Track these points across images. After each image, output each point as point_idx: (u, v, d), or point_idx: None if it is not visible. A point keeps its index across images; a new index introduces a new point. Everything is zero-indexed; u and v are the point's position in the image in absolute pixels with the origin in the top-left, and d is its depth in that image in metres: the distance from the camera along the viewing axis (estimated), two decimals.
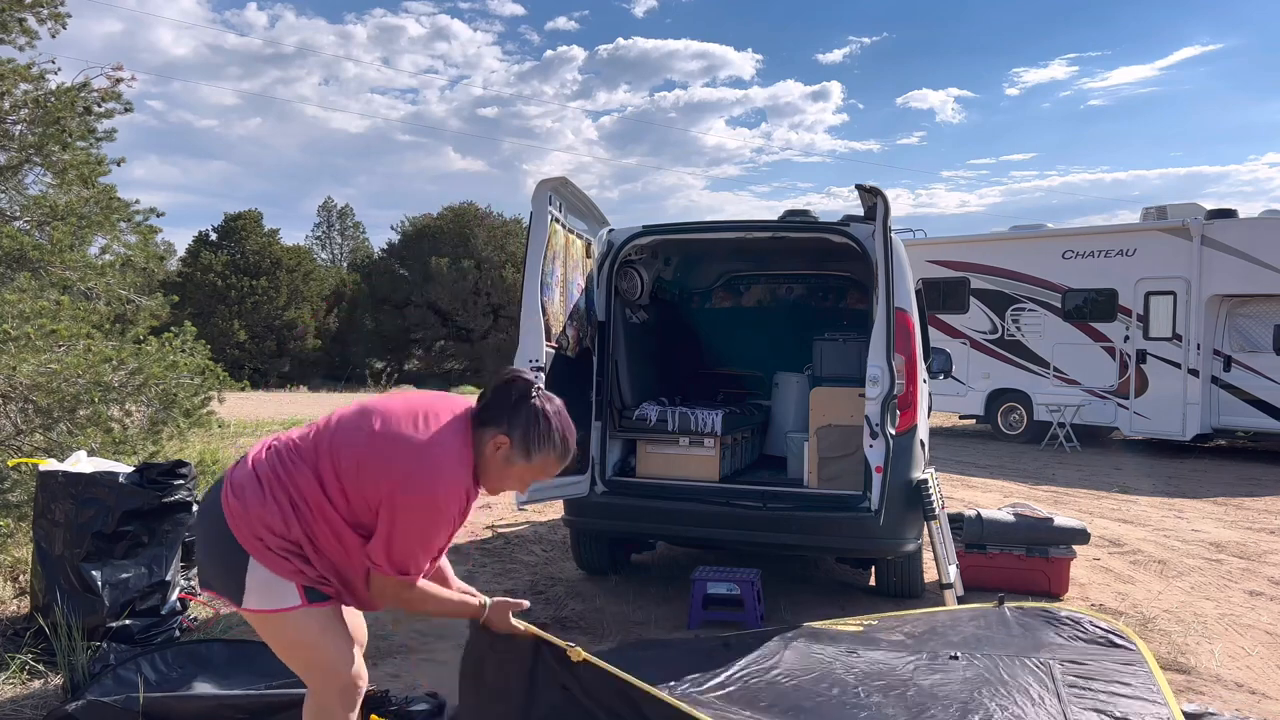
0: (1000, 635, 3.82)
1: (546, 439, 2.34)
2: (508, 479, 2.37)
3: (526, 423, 2.31)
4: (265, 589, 2.25)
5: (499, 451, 2.31)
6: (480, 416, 2.35)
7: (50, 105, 5.77)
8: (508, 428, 2.31)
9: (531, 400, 2.33)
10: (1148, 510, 8.81)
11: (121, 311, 6.25)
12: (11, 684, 3.67)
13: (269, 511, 2.26)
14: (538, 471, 2.37)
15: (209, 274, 40.22)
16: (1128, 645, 3.70)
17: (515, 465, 2.33)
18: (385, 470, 2.22)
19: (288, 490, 2.28)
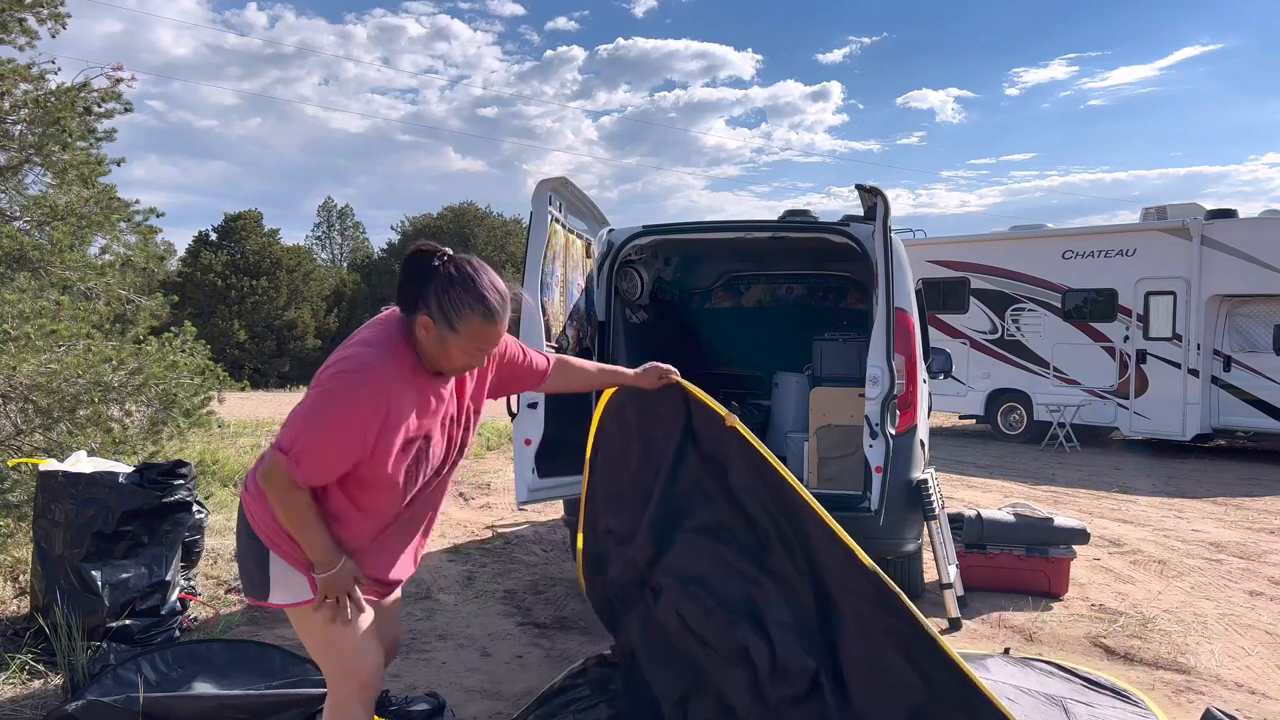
0: (1009, 672, 3.82)
1: (463, 305, 2.15)
2: (452, 357, 2.22)
3: (439, 296, 2.15)
4: (285, 581, 2.26)
5: (429, 333, 2.18)
6: (403, 305, 2.22)
7: (50, 105, 5.77)
8: (425, 307, 2.16)
9: (437, 270, 2.17)
10: (1148, 510, 8.81)
11: (121, 311, 6.24)
12: (11, 684, 3.67)
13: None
14: (475, 340, 2.19)
15: (209, 274, 40.25)
16: (1138, 701, 3.70)
17: (449, 341, 2.18)
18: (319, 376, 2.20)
19: None
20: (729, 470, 2.95)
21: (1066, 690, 3.70)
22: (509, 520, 7.58)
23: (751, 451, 2.89)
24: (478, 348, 2.22)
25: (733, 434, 2.91)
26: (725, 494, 2.96)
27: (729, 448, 2.94)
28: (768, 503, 2.88)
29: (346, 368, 2.12)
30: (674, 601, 2.84)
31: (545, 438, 4.51)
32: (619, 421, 3.08)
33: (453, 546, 6.58)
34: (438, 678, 3.95)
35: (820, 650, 2.69)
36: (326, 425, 2.11)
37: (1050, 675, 3.86)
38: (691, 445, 2.99)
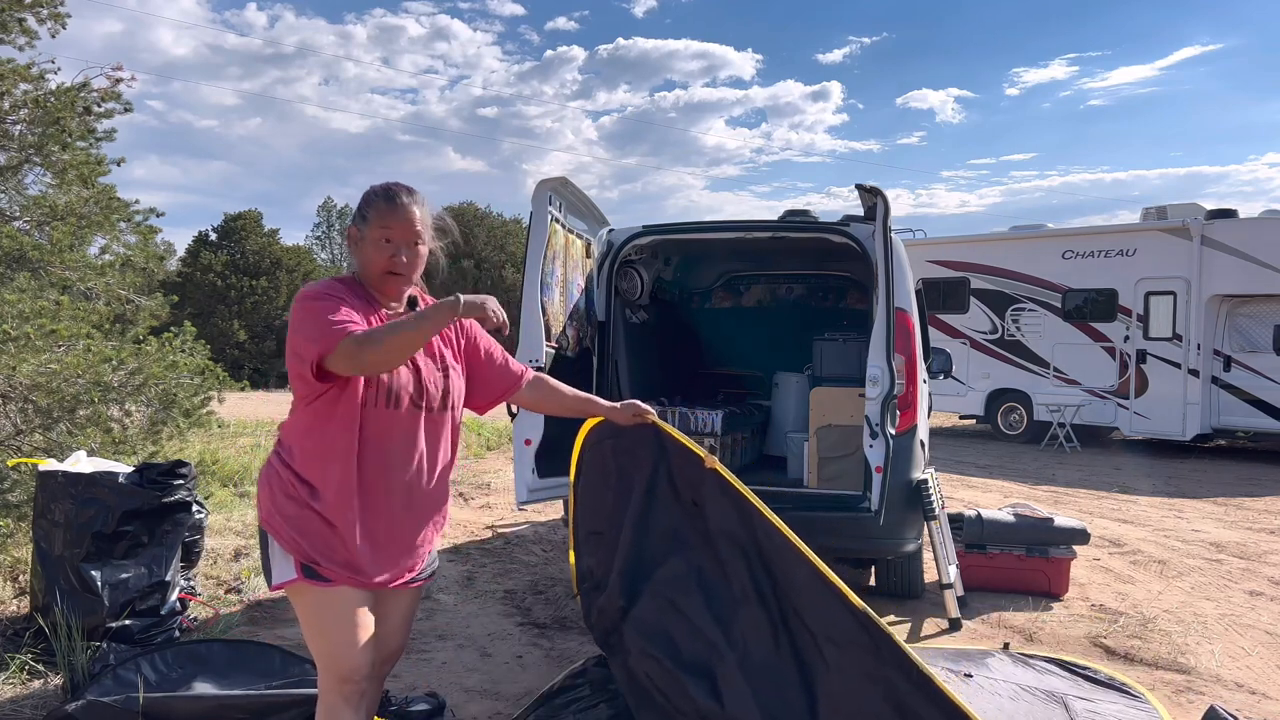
0: (1009, 668, 3.82)
1: (369, 197, 2.40)
2: (374, 252, 2.35)
3: (357, 206, 2.43)
4: (279, 563, 2.32)
5: (353, 242, 2.39)
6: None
7: (50, 105, 5.77)
8: (350, 225, 2.43)
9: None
10: (1148, 510, 8.81)
11: (121, 311, 6.24)
12: (11, 684, 3.67)
13: (267, 473, 2.38)
14: (384, 226, 2.34)
15: (209, 274, 40.23)
16: (1138, 695, 3.70)
17: (365, 238, 2.35)
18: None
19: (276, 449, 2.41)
20: (707, 515, 2.84)
21: (1067, 687, 3.70)
22: (509, 520, 7.58)
23: (735, 494, 2.79)
24: (384, 231, 2.33)
25: (713, 476, 2.81)
26: (703, 541, 2.85)
27: (709, 490, 2.83)
28: (749, 549, 2.77)
29: (300, 294, 2.30)
30: (638, 658, 2.77)
31: (545, 438, 4.51)
32: (598, 454, 2.99)
33: (453, 546, 6.58)
34: (438, 678, 3.95)
35: (794, 709, 2.59)
36: (314, 310, 2.22)
37: (1050, 672, 3.86)
38: (668, 487, 2.89)
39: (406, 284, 2.39)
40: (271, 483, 2.35)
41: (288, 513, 2.30)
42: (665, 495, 2.90)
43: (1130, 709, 3.50)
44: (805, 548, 2.72)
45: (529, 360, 4.47)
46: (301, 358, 2.19)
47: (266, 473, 2.38)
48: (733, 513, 2.81)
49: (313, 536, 2.29)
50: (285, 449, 2.36)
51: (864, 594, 5.49)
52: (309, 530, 2.29)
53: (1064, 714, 3.35)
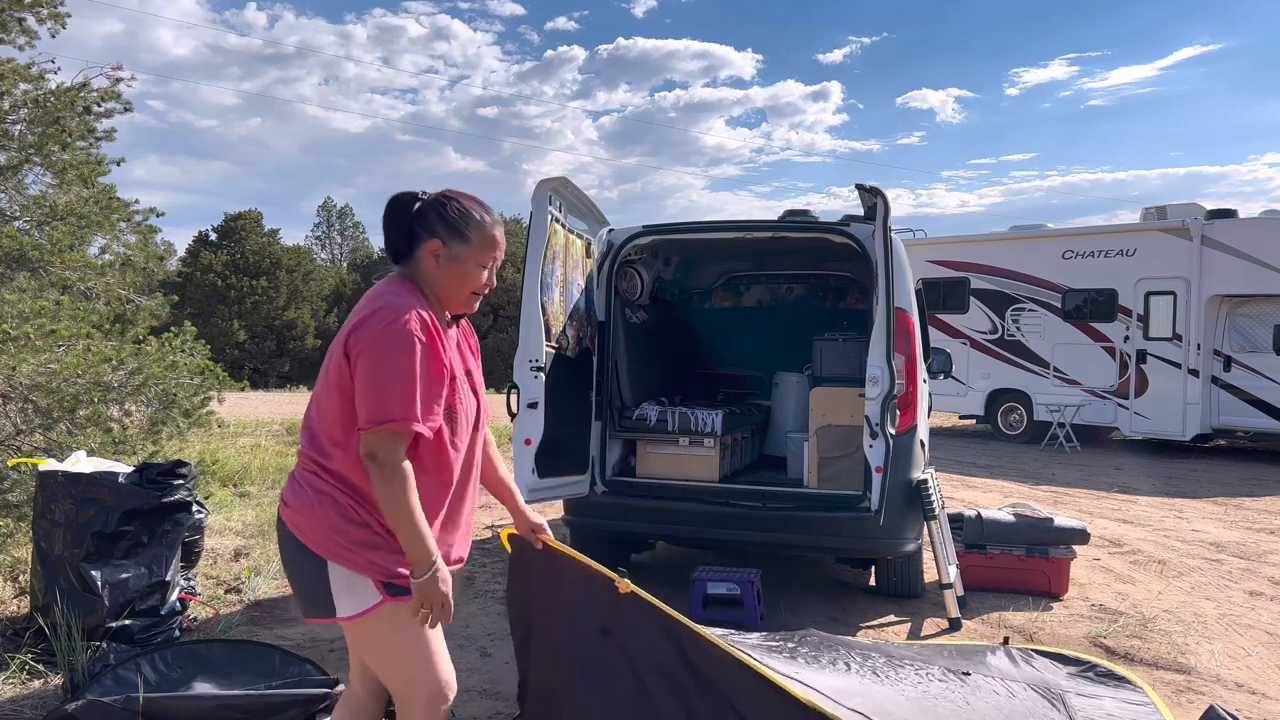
0: (1007, 666, 3.83)
1: (467, 215, 2.22)
2: (465, 276, 2.21)
3: (438, 217, 2.20)
4: (350, 590, 2.14)
5: (438, 257, 2.19)
6: (395, 256, 2.25)
7: (50, 105, 5.76)
8: (428, 232, 2.20)
9: (424, 201, 2.23)
10: (1148, 510, 8.80)
11: (121, 311, 6.23)
12: (11, 684, 3.67)
13: (314, 499, 2.17)
14: (485, 245, 2.22)
15: (209, 274, 40.25)
16: (1136, 689, 3.71)
17: (461, 257, 2.20)
18: (340, 348, 2.14)
19: (314, 460, 2.20)
20: (626, 645, 2.67)
21: (1066, 681, 3.71)
22: (509, 520, 7.56)
23: (655, 613, 2.62)
24: (489, 255, 2.23)
25: (630, 599, 2.62)
26: (629, 671, 2.68)
27: (626, 615, 2.64)
28: (679, 673, 2.62)
29: (384, 316, 2.07)
30: None
31: (545, 438, 4.51)
32: (524, 571, 2.78)
33: None
34: None
35: None
36: (405, 369, 2.05)
37: (1049, 668, 3.87)
38: (579, 614, 2.70)
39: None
40: (327, 509, 2.15)
41: (356, 537, 2.14)
42: (586, 627, 2.70)
43: (1129, 705, 3.50)
44: (741, 655, 2.60)
45: (529, 360, 4.47)
46: (386, 409, 2.04)
47: (315, 499, 2.16)
48: (657, 636, 2.64)
49: (387, 552, 2.14)
50: (341, 479, 2.16)
51: (864, 594, 5.51)
52: (382, 547, 2.15)
53: (1063, 710, 3.35)
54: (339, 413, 2.14)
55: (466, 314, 2.32)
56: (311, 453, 2.20)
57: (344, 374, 2.12)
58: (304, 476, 2.21)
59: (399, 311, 2.09)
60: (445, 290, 2.23)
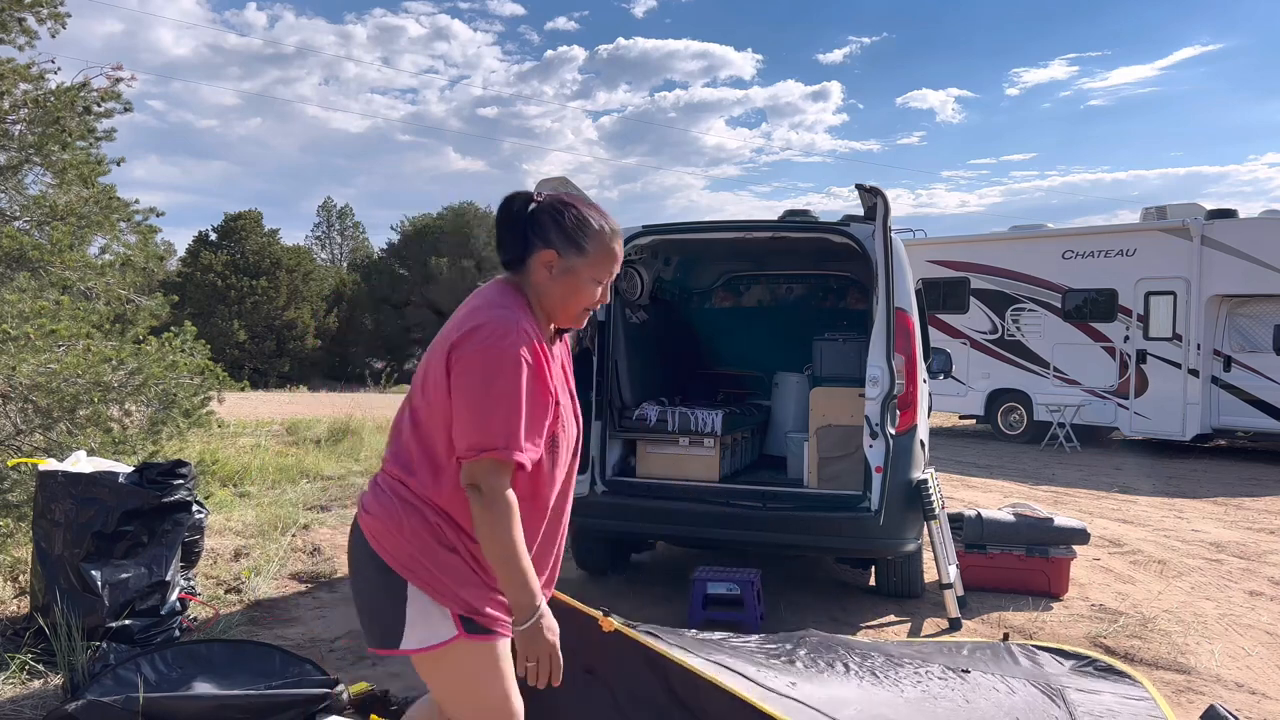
0: (1008, 664, 3.84)
1: (585, 224, 2.03)
2: (579, 291, 2.04)
3: (557, 222, 2.02)
4: (424, 620, 1.94)
5: (552, 269, 2.01)
6: (507, 262, 2.06)
7: (50, 105, 5.77)
8: (544, 240, 2.01)
9: (541, 205, 2.04)
10: (1148, 510, 8.81)
11: (121, 311, 6.23)
12: (11, 684, 3.67)
13: (401, 510, 1.97)
14: (603, 259, 2.05)
15: (209, 274, 40.25)
16: (1135, 683, 3.71)
17: (576, 270, 2.02)
18: (440, 362, 1.95)
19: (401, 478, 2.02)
20: (611, 684, 2.61)
21: (1066, 677, 3.72)
22: None
23: (640, 649, 2.56)
24: (606, 270, 2.06)
25: (615, 637, 2.55)
26: (616, 710, 2.62)
27: (611, 654, 2.58)
28: (667, 707, 2.56)
29: (489, 334, 1.90)
30: None
31: None
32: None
33: None
34: None
35: None
36: (510, 392, 1.88)
37: (1049, 664, 3.88)
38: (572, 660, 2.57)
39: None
40: (415, 524, 1.95)
41: (442, 560, 1.94)
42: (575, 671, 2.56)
43: (1129, 700, 3.51)
44: (731, 685, 2.55)
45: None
46: (488, 436, 1.87)
47: (402, 511, 1.97)
48: (643, 672, 2.57)
49: (474, 587, 1.96)
50: (435, 492, 1.97)
51: (864, 594, 5.50)
52: (470, 580, 1.96)
53: (1063, 706, 3.36)
54: (441, 429, 1.96)
55: (572, 330, 2.17)
56: (398, 470, 2.01)
57: (442, 388, 1.95)
58: (391, 485, 2.02)
59: (506, 328, 1.91)
60: (555, 304, 2.06)
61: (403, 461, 2.01)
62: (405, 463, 2.00)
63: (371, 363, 43.92)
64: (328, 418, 12.55)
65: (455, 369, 1.91)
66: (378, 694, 3.47)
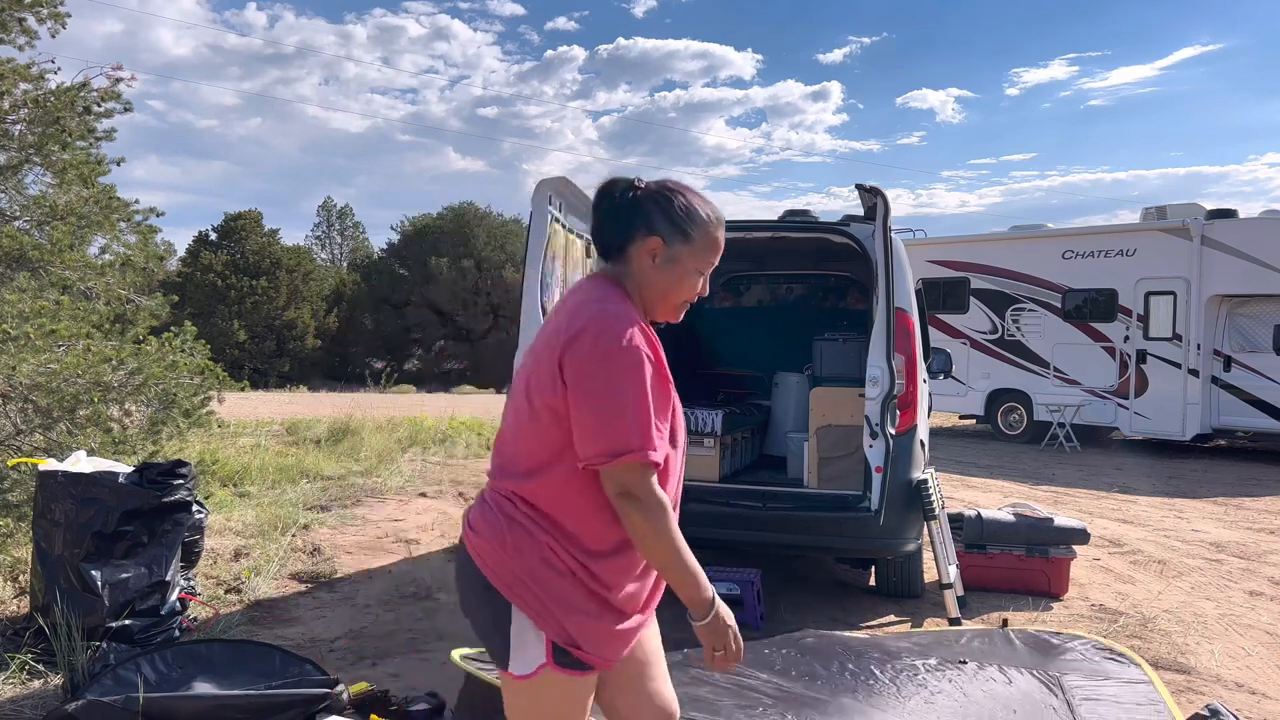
0: (1005, 651, 3.85)
1: (693, 211, 1.93)
2: (683, 281, 1.94)
3: (663, 208, 1.92)
4: (521, 643, 1.84)
5: (655, 258, 1.91)
6: (606, 252, 1.97)
7: (50, 105, 5.76)
8: (648, 226, 1.91)
9: (643, 189, 1.94)
10: (1148, 510, 8.80)
11: (121, 311, 6.23)
12: (11, 684, 3.66)
13: (506, 528, 1.87)
14: (708, 248, 1.95)
15: (209, 274, 40.26)
16: (1132, 664, 3.73)
17: (680, 259, 1.92)
18: (549, 368, 1.84)
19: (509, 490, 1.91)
20: None
21: (1064, 660, 3.74)
22: None
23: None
24: (709, 260, 1.96)
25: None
26: None
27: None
28: None
29: (603, 331, 1.80)
30: None
31: None
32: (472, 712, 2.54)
33: (453, 546, 6.57)
34: (438, 678, 3.94)
35: None
36: (636, 390, 1.78)
37: (1047, 648, 3.90)
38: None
39: None
40: (521, 543, 1.85)
41: (550, 585, 1.84)
42: None
43: (1125, 684, 3.52)
44: None
45: None
46: (589, 444, 1.78)
47: (508, 529, 1.87)
48: None
49: (580, 615, 1.84)
50: (539, 514, 1.87)
51: (864, 594, 5.50)
52: (578, 607, 1.84)
53: (1060, 693, 3.37)
54: (547, 434, 1.85)
55: (666, 323, 2.07)
56: (505, 482, 1.91)
57: (557, 393, 1.82)
58: (498, 501, 1.91)
59: (620, 323, 1.82)
60: (656, 295, 1.95)
61: (509, 475, 1.91)
62: (512, 476, 1.91)
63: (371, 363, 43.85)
64: (328, 418, 12.55)
65: (572, 373, 1.80)
66: (378, 694, 3.47)
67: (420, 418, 13.34)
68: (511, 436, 1.93)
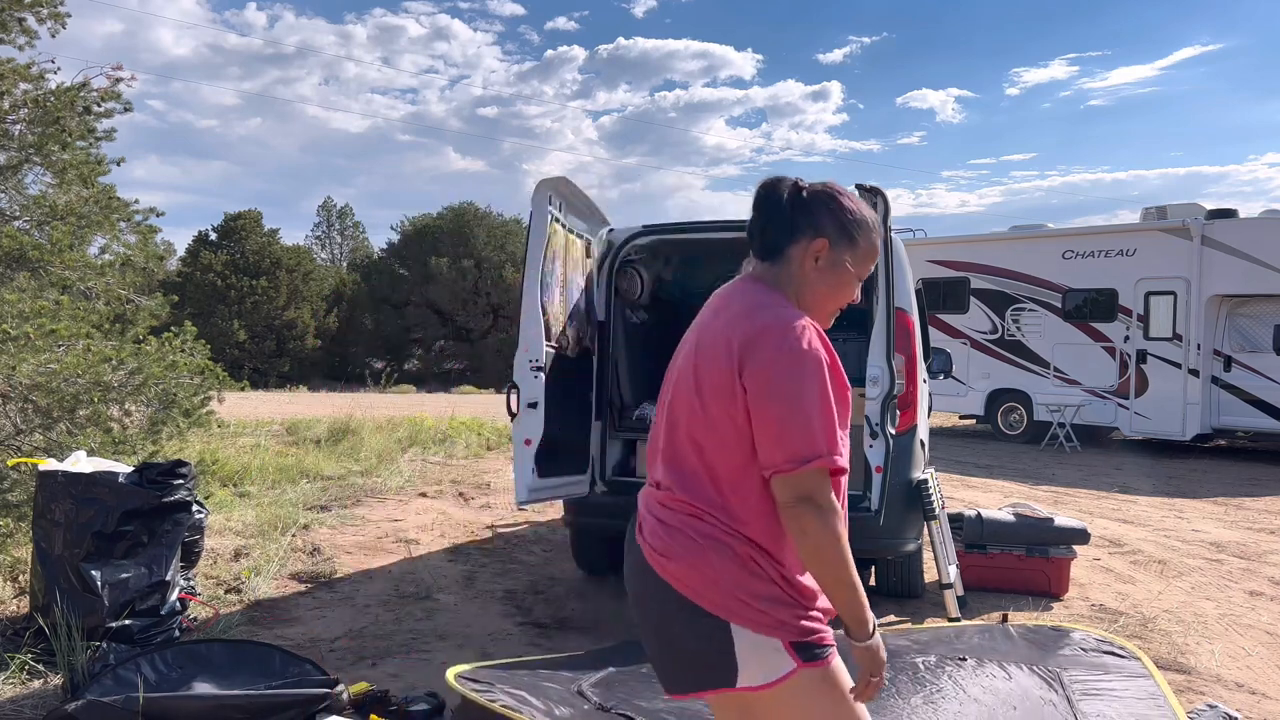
0: (1005, 646, 3.85)
1: (860, 216, 1.94)
2: (843, 286, 1.94)
3: (828, 212, 1.91)
4: (758, 656, 1.78)
5: (820, 260, 1.91)
6: (765, 252, 1.96)
7: (50, 105, 5.76)
8: (814, 228, 1.90)
9: (808, 191, 1.94)
10: (1148, 510, 8.80)
11: (121, 311, 6.22)
12: (11, 684, 3.66)
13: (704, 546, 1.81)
14: (867, 258, 1.95)
15: (209, 274, 40.24)
16: (1131, 657, 3.73)
17: (841, 264, 1.92)
18: (724, 373, 1.81)
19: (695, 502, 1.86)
20: None
21: (1064, 655, 3.75)
22: (509, 520, 7.57)
23: None
24: (868, 266, 1.97)
25: None
26: None
27: None
28: None
29: (784, 334, 1.78)
30: None
31: (545, 438, 4.51)
32: None
33: (453, 546, 6.57)
34: (438, 678, 3.94)
35: None
36: (821, 394, 1.76)
37: (1047, 643, 3.90)
38: None
39: None
40: (724, 559, 1.80)
41: (760, 591, 1.80)
42: None
43: (1126, 679, 3.53)
44: None
45: (529, 360, 4.46)
46: (774, 450, 1.75)
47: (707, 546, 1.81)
48: None
49: (793, 608, 1.81)
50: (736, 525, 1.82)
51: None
52: (787, 602, 1.82)
53: (1060, 689, 3.38)
54: (734, 447, 1.81)
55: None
56: (692, 499, 1.85)
57: (737, 401, 1.79)
58: (683, 520, 1.85)
59: (799, 326, 1.80)
60: (815, 299, 1.93)
61: (694, 488, 1.86)
62: (697, 489, 1.85)
63: (371, 363, 43.92)
64: (328, 418, 12.55)
65: (755, 377, 1.78)
66: (378, 694, 3.47)
67: (420, 418, 13.35)
68: (688, 449, 1.87)
